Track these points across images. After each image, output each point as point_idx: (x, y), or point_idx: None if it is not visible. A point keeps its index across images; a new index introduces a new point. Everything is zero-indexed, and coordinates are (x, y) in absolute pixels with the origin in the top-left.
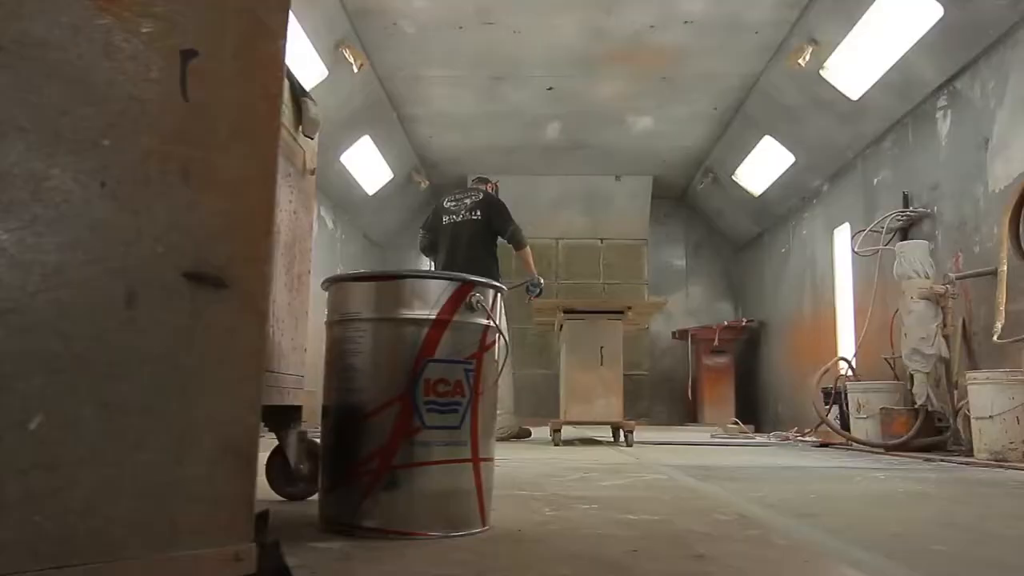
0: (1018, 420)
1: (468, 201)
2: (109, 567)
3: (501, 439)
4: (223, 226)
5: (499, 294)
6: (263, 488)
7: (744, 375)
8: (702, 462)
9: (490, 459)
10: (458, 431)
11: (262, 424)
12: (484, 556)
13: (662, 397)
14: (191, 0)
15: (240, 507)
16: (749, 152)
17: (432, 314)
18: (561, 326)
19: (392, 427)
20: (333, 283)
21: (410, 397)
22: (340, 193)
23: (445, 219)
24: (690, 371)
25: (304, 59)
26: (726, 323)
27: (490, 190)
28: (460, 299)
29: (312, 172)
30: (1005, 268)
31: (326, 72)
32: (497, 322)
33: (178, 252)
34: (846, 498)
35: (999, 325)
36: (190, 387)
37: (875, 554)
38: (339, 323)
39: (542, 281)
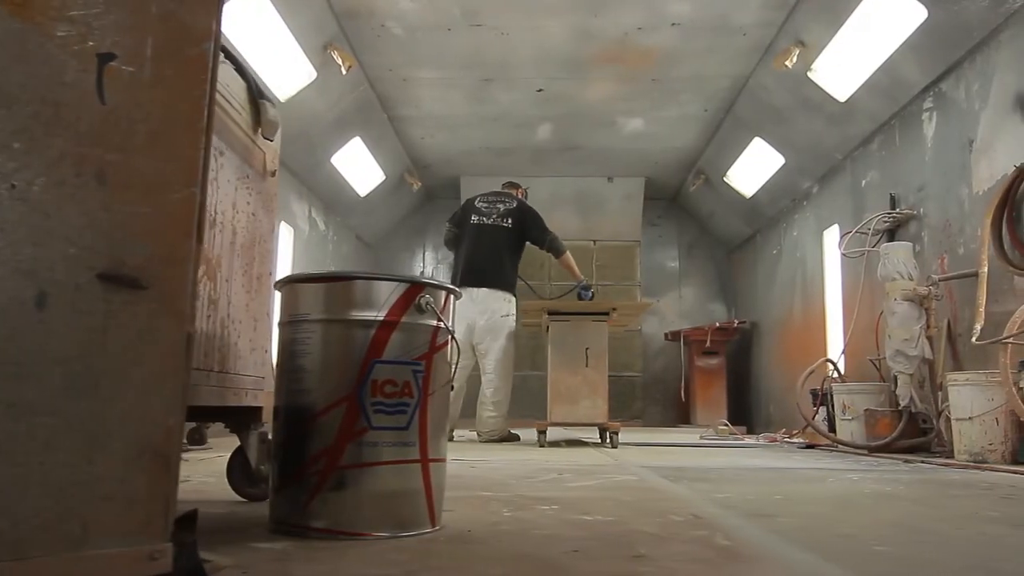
0: (997, 421)
1: (501, 207)
2: (17, 565)
3: (489, 441)
4: (141, 228)
5: (452, 296)
6: (224, 489)
7: (737, 376)
8: (680, 463)
9: (440, 460)
10: (406, 432)
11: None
12: (422, 556)
13: (656, 398)
14: (110, 4)
15: (156, 507)
16: (740, 154)
17: (380, 315)
18: (547, 328)
19: (339, 428)
20: (285, 284)
21: (356, 398)
22: (331, 194)
23: (474, 218)
24: (682, 372)
25: (292, 61)
26: (718, 324)
27: (520, 196)
28: (409, 300)
29: (273, 174)
30: (985, 270)
31: (315, 74)
32: (448, 324)
33: (92, 253)
34: (810, 499)
35: (978, 327)
36: (103, 388)
37: (814, 555)
38: (290, 324)
39: (591, 284)
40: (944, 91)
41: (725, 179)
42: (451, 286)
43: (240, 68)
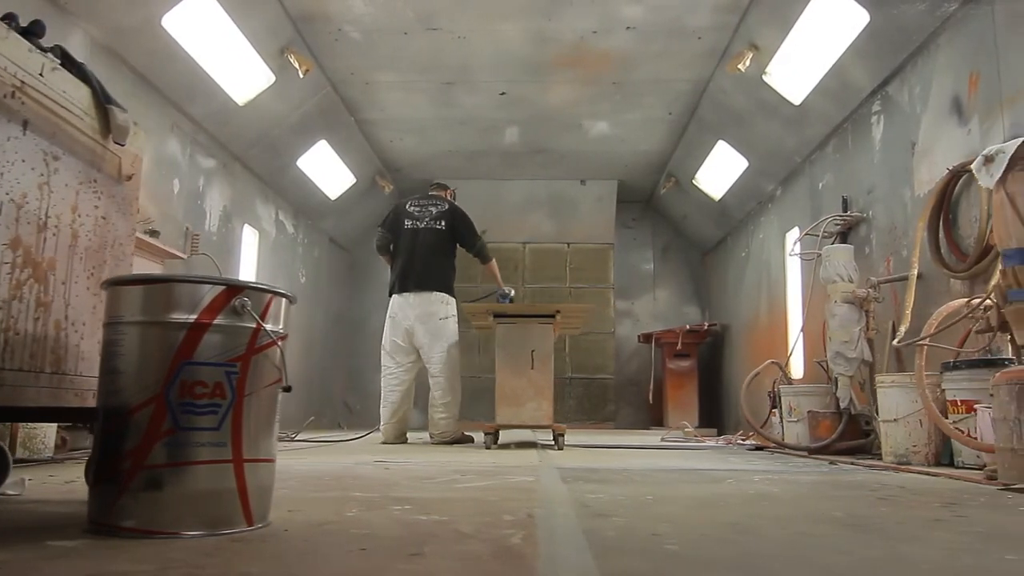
0: (921, 423)
1: (433, 210)
2: None
3: (442, 443)
4: None
5: (280, 299)
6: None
7: (708, 378)
8: (604, 465)
9: (262, 460)
10: (217, 432)
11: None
12: (197, 554)
13: (628, 400)
14: None
15: None
16: (706, 157)
17: (191, 317)
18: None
19: (147, 428)
20: (107, 287)
21: (164, 398)
22: (300, 197)
23: (407, 223)
24: (652, 374)
25: (249, 64)
26: (688, 327)
27: (449, 197)
28: (224, 303)
29: (129, 178)
30: (915, 272)
31: (273, 77)
32: (277, 327)
33: None
34: (678, 500)
35: (903, 329)
36: None
37: (588, 555)
38: (109, 325)
39: (511, 291)
40: (890, 94)
41: (694, 182)
42: (279, 289)
43: (84, 74)
